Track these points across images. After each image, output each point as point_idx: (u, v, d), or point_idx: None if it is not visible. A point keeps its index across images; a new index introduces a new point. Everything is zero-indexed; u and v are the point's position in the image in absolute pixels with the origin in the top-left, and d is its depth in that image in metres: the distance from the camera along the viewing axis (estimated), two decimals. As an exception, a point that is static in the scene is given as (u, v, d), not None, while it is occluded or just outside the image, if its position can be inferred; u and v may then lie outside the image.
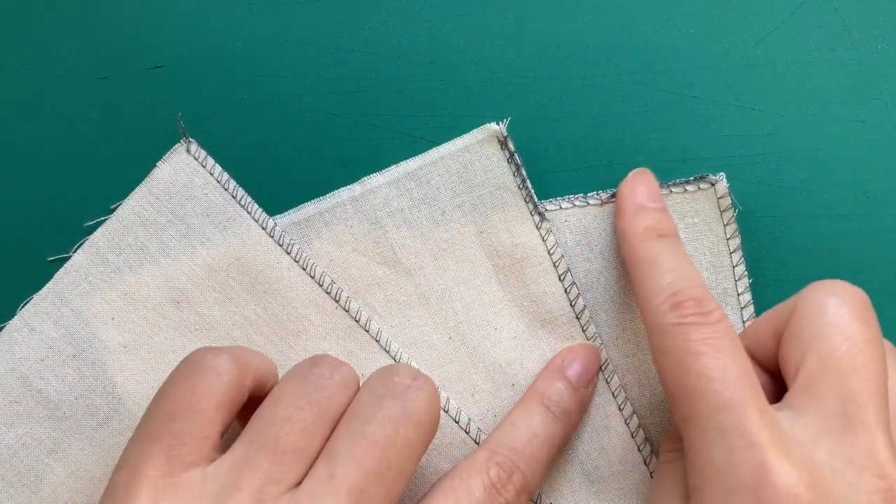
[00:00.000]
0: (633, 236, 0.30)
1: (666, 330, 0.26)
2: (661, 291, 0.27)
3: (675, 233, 0.30)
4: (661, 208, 0.31)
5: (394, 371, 0.27)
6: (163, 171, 0.32)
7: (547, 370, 0.31)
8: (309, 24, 0.34)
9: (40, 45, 0.34)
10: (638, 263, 0.29)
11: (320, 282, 0.32)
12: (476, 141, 0.32)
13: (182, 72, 0.33)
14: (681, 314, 0.26)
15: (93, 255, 0.32)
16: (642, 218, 0.30)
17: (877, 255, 0.32)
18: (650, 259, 0.28)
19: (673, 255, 0.28)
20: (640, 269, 0.29)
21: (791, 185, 0.33)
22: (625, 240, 0.30)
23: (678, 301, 0.26)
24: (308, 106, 0.33)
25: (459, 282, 0.32)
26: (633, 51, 0.33)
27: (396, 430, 0.25)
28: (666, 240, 0.29)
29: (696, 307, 0.26)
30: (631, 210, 0.31)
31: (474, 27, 0.33)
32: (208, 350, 0.27)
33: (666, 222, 0.30)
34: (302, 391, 0.26)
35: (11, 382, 0.31)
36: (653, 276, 0.28)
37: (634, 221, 0.30)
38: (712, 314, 0.26)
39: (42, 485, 0.31)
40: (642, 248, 0.29)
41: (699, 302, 0.26)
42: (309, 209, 0.32)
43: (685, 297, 0.26)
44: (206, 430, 0.25)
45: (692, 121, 0.33)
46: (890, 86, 0.33)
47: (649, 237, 0.29)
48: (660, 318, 0.27)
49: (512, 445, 0.28)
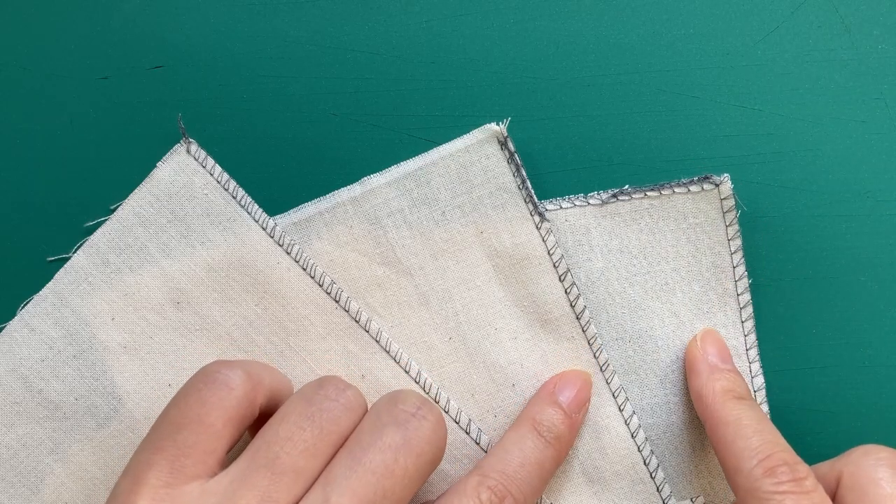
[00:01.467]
0: (712, 397, 0.30)
1: (763, 498, 0.26)
2: (752, 455, 0.27)
3: (751, 395, 0.30)
4: (734, 370, 0.31)
5: (399, 398, 0.27)
6: (163, 172, 0.32)
7: (539, 395, 0.31)
8: (309, 24, 0.34)
9: (40, 45, 0.34)
10: (720, 425, 0.29)
11: (320, 282, 0.32)
12: (476, 141, 0.32)
13: (182, 72, 0.33)
14: (777, 481, 0.26)
15: (93, 256, 0.32)
16: (718, 379, 0.30)
17: (877, 255, 0.32)
18: (734, 421, 0.28)
19: (757, 417, 0.29)
20: (725, 431, 0.28)
21: (791, 185, 0.33)
22: (702, 401, 0.30)
23: (771, 466, 0.27)
24: (308, 106, 0.33)
25: (459, 282, 0.32)
26: (633, 51, 0.33)
27: (395, 459, 0.25)
28: (745, 402, 0.29)
29: (790, 473, 0.26)
30: (706, 371, 0.31)
31: (474, 27, 0.33)
32: (223, 364, 0.27)
33: (742, 384, 0.30)
34: (306, 412, 0.26)
35: (11, 383, 0.31)
36: (739, 439, 0.28)
37: (711, 382, 0.30)
38: (806, 481, 0.26)
39: (42, 485, 0.31)
40: (723, 409, 0.29)
41: (792, 468, 0.26)
42: (309, 209, 0.32)
43: (778, 461, 0.27)
44: (212, 444, 0.25)
45: (692, 121, 0.33)
46: (890, 86, 0.33)
47: (728, 398, 0.29)
48: (753, 484, 0.27)
49: (503, 470, 0.28)
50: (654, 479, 0.32)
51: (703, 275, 0.32)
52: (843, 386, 0.32)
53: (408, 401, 0.27)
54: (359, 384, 0.32)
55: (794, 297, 0.33)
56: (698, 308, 0.32)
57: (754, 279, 0.33)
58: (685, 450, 0.32)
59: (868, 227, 0.33)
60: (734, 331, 0.32)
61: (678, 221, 0.32)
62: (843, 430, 0.31)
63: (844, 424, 0.32)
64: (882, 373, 0.32)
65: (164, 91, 0.33)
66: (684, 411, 0.32)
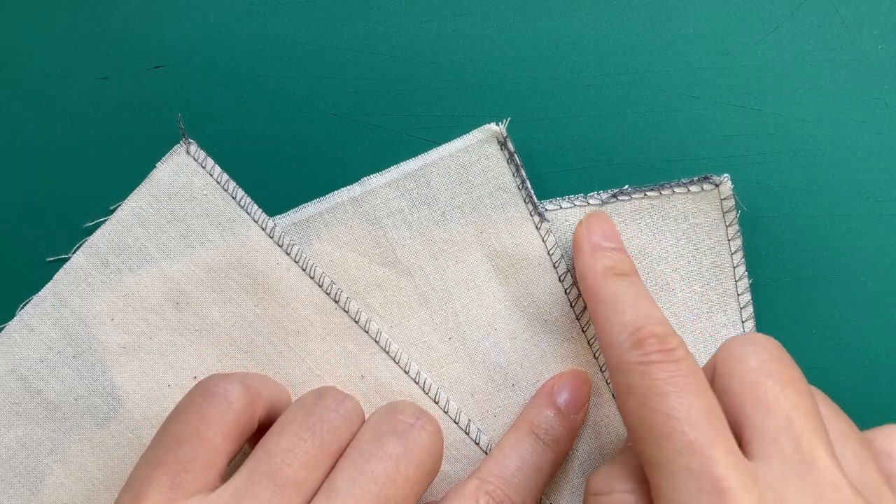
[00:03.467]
0: (592, 275, 0.29)
1: (629, 369, 0.25)
2: (622, 329, 0.26)
3: (635, 271, 0.30)
4: (617, 248, 0.31)
5: (398, 408, 0.27)
6: (162, 172, 0.32)
7: (537, 397, 0.31)
8: (309, 24, 0.34)
9: (40, 45, 0.34)
10: (598, 302, 0.28)
11: (320, 282, 0.32)
12: (476, 141, 0.32)
13: (182, 72, 0.33)
14: (644, 352, 0.25)
15: (92, 256, 0.32)
16: (599, 258, 0.30)
17: (877, 255, 0.32)
18: (610, 297, 0.28)
19: (633, 293, 0.28)
20: (601, 308, 0.28)
21: (791, 185, 0.33)
22: (584, 280, 0.30)
23: (640, 338, 0.26)
24: (308, 106, 0.33)
25: (459, 282, 0.32)
26: (632, 51, 0.33)
27: (397, 469, 0.25)
28: (625, 278, 0.29)
29: (658, 343, 0.25)
30: (587, 251, 0.30)
31: (474, 27, 0.33)
32: (221, 377, 0.27)
33: (624, 261, 0.30)
34: (306, 423, 0.26)
35: (11, 383, 0.31)
36: (613, 314, 0.27)
37: (592, 261, 0.30)
38: (676, 351, 0.25)
39: (41, 486, 0.31)
40: (601, 286, 0.29)
41: (661, 338, 0.26)
42: (309, 209, 0.32)
43: (647, 334, 0.26)
44: (212, 459, 0.25)
45: (692, 121, 0.33)
46: (890, 86, 0.33)
47: (607, 276, 0.29)
48: (622, 357, 0.26)
49: (501, 474, 0.28)
50: (655, 480, 0.32)
51: (703, 275, 0.32)
52: (843, 386, 0.32)
53: (406, 411, 0.27)
54: (358, 384, 0.32)
55: (794, 297, 0.33)
56: (698, 308, 0.32)
57: (754, 279, 0.32)
58: (685, 450, 0.32)
59: (868, 227, 0.33)
60: (734, 331, 0.32)
61: (678, 221, 0.32)
62: (844, 430, 0.31)
63: (845, 425, 0.32)
64: (882, 373, 0.32)
65: (164, 91, 0.33)
66: (684, 411, 0.32)
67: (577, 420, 0.31)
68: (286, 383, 0.32)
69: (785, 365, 0.25)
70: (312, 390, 0.28)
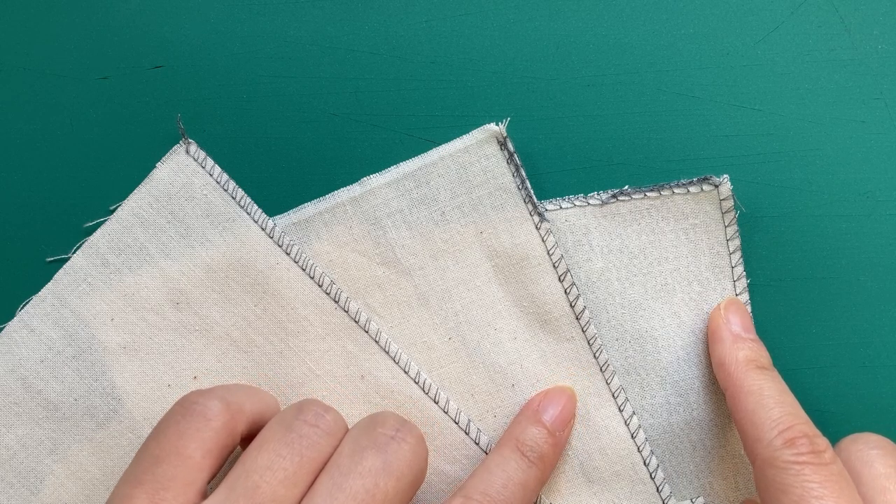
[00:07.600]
0: (735, 366, 0.30)
1: (782, 467, 0.26)
2: (772, 425, 0.27)
3: (772, 365, 0.30)
4: (756, 339, 0.31)
5: (378, 420, 0.27)
6: (162, 172, 0.32)
7: (522, 414, 0.31)
8: (309, 24, 0.34)
9: (40, 45, 0.34)
10: (743, 394, 0.29)
11: (320, 282, 0.32)
12: (475, 141, 0.32)
13: (182, 72, 0.33)
14: (796, 451, 0.26)
15: (92, 257, 0.32)
16: (741, 348, 0.30)
17: (877, 255, 0.32)
18: (756, 391, 0.29)
19: (778, 389, 0.29)
20: (747, 400, 0.29)
21: (791, 185, 0.33)
22: (725, 369, 0.30)
23: (792, 437, 0.27)
24: (308, 106, 0.33)
25: (459, 282, 0.32)
26: (632, 51, 0.33)
27: (376, 484, 0.25)
28: (767, 372, 0.29)
29: (810, 444, 0.26)
30: (728, 339, 0.31)
31: (474, 27, 0.33)
32: (200, 393, 0.27)
33: (764, 354, 0.30)
34: (284, 439, 0.26)
35: (11, 383, 0.31)
36: (760, 409, 0.28)
37: (734, 351, 0.30)
38: (825, 453, 0.26)
39: (42, 486, 0.31)
40: (745, 378, 0.29)
41: (812, 440, 0.27)
42: (309, 209, 0.32)
43: (798, 433, 0.27)
44: (191, 476, 0.25)
45: (692, 121, 0.33)
46: (890, 86, 0.33)
47: (750, 368, 0.29)
48: (773, 453, 0.27)
49: (486, 491, 0.28)
50: (654, 480, 0.32)
51: (702, 275, 0.32)
52: (843, 386, 0.32)
53: (387, 423, 0.27)
54: (358, 384, 0.32)
55: (794, 297, 0.33)
56: (698, 308, 0.32)
57: (754, 279, 0.32)
58: (685, 450, 0.32)
59: (868, 227, 0.33)
60: (734, 331, 0.32)
61: (678, 222, 0.32)
62: (843, 430, 0.31)
63: (844, 424, 0.32)
64: (882, 373, 0.32)
65: (164, 91, 0.33)
66: (684, 411, 0.32)
67: (563, 437, 0.31)
68: (286, 383, 0.32)
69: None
70: (294, 404, 0.28)
